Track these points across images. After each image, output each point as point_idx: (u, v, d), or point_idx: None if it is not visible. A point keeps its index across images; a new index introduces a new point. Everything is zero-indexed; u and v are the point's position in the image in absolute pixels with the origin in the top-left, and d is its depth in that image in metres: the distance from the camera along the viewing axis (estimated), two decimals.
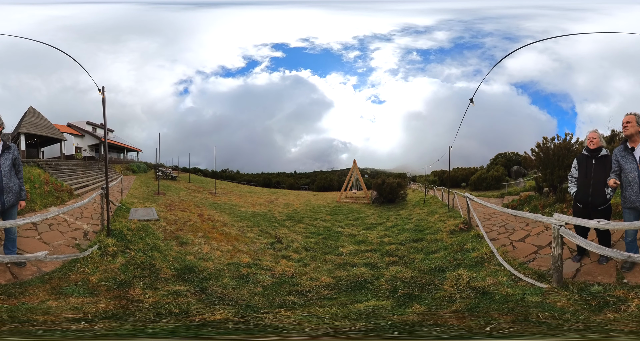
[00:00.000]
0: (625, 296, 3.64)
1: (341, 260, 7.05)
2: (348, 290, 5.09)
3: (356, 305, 4.27)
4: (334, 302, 4.51)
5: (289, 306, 4.38)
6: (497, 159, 37.98)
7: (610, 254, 3.61)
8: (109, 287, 4.61)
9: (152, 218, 9.29)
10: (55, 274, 4.85)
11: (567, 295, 3.89)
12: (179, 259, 6.25)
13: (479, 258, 5.94)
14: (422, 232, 9.64)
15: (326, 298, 4.77)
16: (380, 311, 4.06)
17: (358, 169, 26.99)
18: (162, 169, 29.76)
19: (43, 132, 24.28)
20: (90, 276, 4.86)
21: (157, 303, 4.10)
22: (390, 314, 3.94)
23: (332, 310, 4.07)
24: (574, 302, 3.70)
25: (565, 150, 10.32)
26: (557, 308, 3.62)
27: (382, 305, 4.27)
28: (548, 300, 3.86)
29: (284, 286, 5.30)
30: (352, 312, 3.99)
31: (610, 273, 4.45)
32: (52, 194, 10.60)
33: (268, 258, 7.07)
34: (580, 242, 3.99)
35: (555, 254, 4.27)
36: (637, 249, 4.47)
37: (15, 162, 4.89)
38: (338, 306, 4.25)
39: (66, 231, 6.91)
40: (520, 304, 3.89)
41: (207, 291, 4.84)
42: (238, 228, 10.34)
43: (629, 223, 4.07)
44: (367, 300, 4.55)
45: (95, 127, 33.98)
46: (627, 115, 4.47)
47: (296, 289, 5.13)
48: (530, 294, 4.13)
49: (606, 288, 3.90)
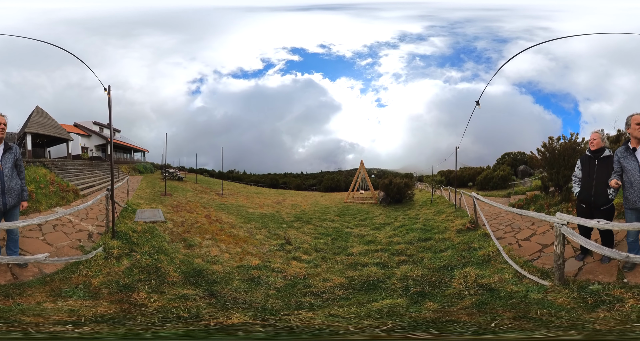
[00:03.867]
0: (622, 295, 3.67)
1: (352, 260, 7.02)
2: (362, 290, 5.10)
3: (373, 304, 4.29)
4: (350, 302, 4.51)
5: (307, 307, 4.34)
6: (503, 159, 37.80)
7: (608, 254, 3.65)
8: (111, 291, 4.44)
9: (159, 220, 9.11)
10: (56, 276, 4.70)
11: (567, 292, 3.95)
12: (187, 262, 6.07)
13: (486, 256, 6.00)
14: (430, 231, 9.70)
15: (342, 298, 4.75)
16: (397, 309, 4.10)
17: (365, 170, 26.78)
18: (168, 170, 29.65)
19: (50, 132, 24.32)
20: (93, 279, 4.69)
21: (163, 308, 3.94)
22: (408, 312, 3.97)
23: (352, 309, 4.07)
24: (572, 300, 3.75)
25: (571, 149, 10.41)
26: (556, 305, 3.69)
27: (398, 303, 4.31)
28: (549, 298, 3.93)
29: (297, 288, 5.23)
30: (372, 311, 4.00)
31: (611, 273, 4.47)
32: (57, 194, 10.47)
33: (278, 260, 6.93)
34: (581, 241, 4.02)
35: (557, 252, 4.31)
36: (639, 249, 4.48)
37: (17, 163, 4.83)
38: (356, 305, 4.26)
39: (70, 232, 6.76)
40: (523, 301, 3.97)
41: (218, 295, 4.68)
42: (246, 230, 10.18)
43: (628, 224, 4.05)
44: (382, 298, 4.57)
45: (102, 127, 34.04)
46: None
47: (310, 290, 5.07)
48: (533, 291, 4.18)
49: (605, 287, 3.93)
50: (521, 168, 30.84)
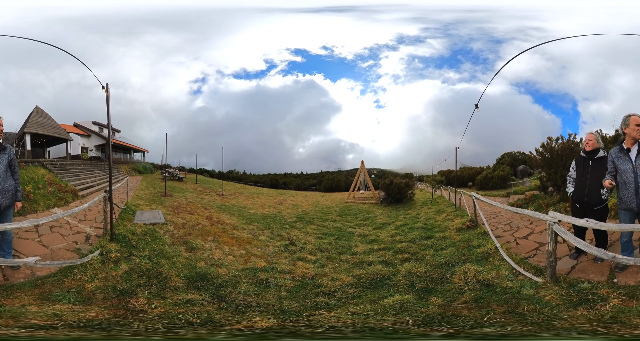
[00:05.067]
0: (607, 295, 3.74)
1: (357, 259, 7.09)
2: (371, 287, 5.20)
3: (385, 301, 4.42)
4: (363, 300, 4.61)
5: (325, 307, 4.37)
6: (503, 159, 37.72)
7: (595, 253, 3.71)
8: (106, 296, 4.25)
9: (159, 222, 8.89)
10: (48, 279, 4.54)
11: (557, 289, 4.05)
12: (189, 266, 5.88)
13: (485, 254, 6.17)
14: (431, 230, 9.91)
15: (354, 296, 4.83)
16: (407, 304, 4.22)
17: (366, 170, 26.61)
18: (168, 170, 29.44)
19: (49, 132, 24.13)
20: (87, 283, 4.50)
21: (167, 314, 3.77)
22: (418, 307, 4.10)
23: (367, 307, 4.19)
24: (559, 297, 3.86)
25: (569, 150, 10.46)
26: (544, 301, 3.81)
27: (406, 299, 4.43)
28: (539, 294, 4.04)
29: (308, 289, 5.22)
30: (386, 308, 4.12)
31: (602, 272, 4.55)
32: (55, 195, 10.25)
33: (284, 261, 6.85)
34: (571, 239, 4.09)
35: (550, 250, 4.40)
36: (632, 250, 4.54)
37: (11, 163, 4.85)
38: (369, 303, 4.37)
39: (67, 234, 6.56)
40: (516, 296, 4.10)
41: (227, 299, 4.55)
42: (249, 231, 10.00)
43: (616, 225, 4.08)
44: (391, 295, 4.69)
45: (102, 127, 33.83)
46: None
47: (321, 290, 5.11)
48: (526, 287, 4.30)
49: (594, 286, 4.03)
50: (521, 168, 30.80)
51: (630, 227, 3.88)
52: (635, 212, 4.36)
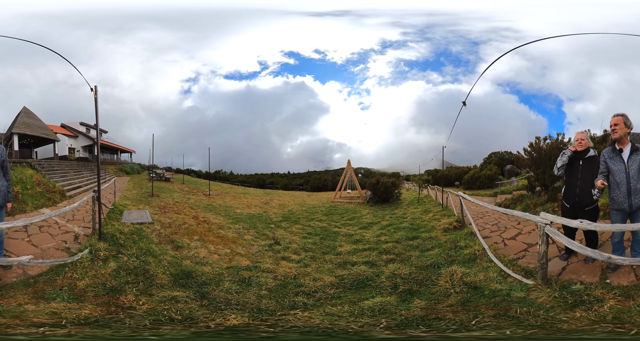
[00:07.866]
0: (602, 296, 3.71)
1: (341, 259, 7.06)
2: (352, 288, 5.16)
3: (365, 302, 4.36)
4: (342, 301, 4.59)
5: (302, 307, 4.38)
6: (490, 158, 38.18)
7: (590, 254, 3.67)
8: (97, 293, 4.41)
9: (146, 222, 9.07)
10: (40, 278, 4.66)
11: (549, 292, 3.99)
12: (175, 264, 6.06)
13: (472, 255, 6.06)
14: (417, 230, 9.76)
15: (334, 297, 4.81)
16: (388, 307, 4.15)
17: (352, 169, 26.89)
18: (155, 170, 29.42)
19: (36, 133, 23.98)
20: (78, 281, 4.65)
21: (153, 310, 3.93)
22: (398, 309, 4.05)
23: (345, 308, 4.16)
24: (552, 299, 3.79)
25: (557, 150, 10.39)
26: (537, 304, 3.73)
27: (388, 301, 4.37)
28: (530, 296, 3.97)
29: (289, 288, 5.28)
30: (365, 309, 4.07)
31: (594, 273, 4.50)
32: (43, 195, 10.35)
33: (268, 261, 6.95)
34: (564, 241, 4.04)
35: (541, 251, 4.33)
36: (624, 250, 4.48)
37: (3, 164, 4.86)
38: (348, 304, 4.34)
39: (56, 233, 6.71)
40: (506, 299, 4.02)
41: (209, 296, 4.68)
42: (234, 231, 10.16)
43: (611, 225, 4.08)
44: (372, 297, 4.64)
45: (89, 127, 33.60)
46: (614, 117, 4.38)
47: (302, 290, 5.13)
48: (517, 290, 4.22)
49: (587, 287, 3.96)
50: (508, 168, 31.29)
51: (624, 227, 3.84)
52: (627, 213, 4.32)
